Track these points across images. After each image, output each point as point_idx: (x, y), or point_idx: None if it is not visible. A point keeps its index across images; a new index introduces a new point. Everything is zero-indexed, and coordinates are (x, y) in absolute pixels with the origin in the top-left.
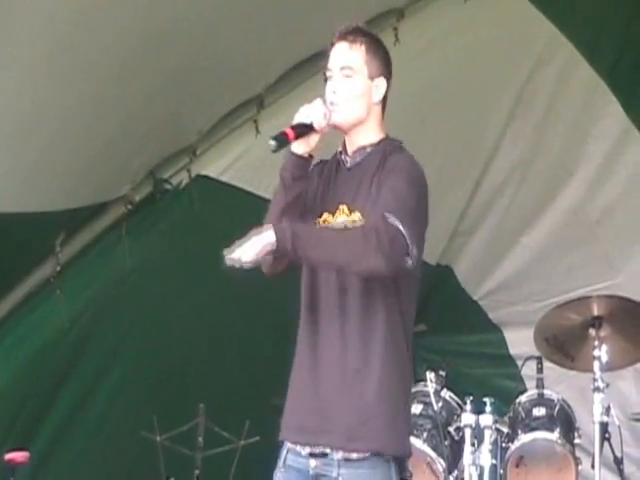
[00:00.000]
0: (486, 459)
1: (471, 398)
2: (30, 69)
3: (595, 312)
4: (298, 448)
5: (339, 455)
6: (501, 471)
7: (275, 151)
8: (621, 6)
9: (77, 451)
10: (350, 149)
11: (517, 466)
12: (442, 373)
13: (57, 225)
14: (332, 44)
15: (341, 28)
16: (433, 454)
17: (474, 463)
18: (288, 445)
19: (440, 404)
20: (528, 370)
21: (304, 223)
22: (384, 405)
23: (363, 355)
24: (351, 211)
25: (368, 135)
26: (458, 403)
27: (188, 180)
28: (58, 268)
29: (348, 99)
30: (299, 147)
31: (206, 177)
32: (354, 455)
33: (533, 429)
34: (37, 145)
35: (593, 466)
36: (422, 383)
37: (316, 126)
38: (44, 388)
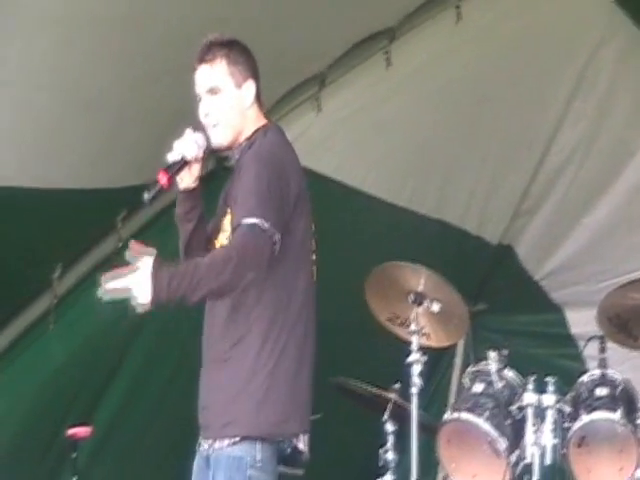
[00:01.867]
0: (548, 439)
1: (534, 377)
2: (96, 44)
3: None
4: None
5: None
6: (563, 451)
7: (151, 202)
8: None
9: (137, 427)
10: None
11: (579, 446)
12: (504, 352)
13: (119, 202)
14: (195, 68)
15: (198, 50)
16: (495, 433)
17: (536, 443)
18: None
19: (502, 383)
20: (590, 350)
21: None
22: None
23: None
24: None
25: (247, 133)
26: (520, 382)
27: None
28: (120, 244)
29: (222, 116)
30: (182, 182)
31: None
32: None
33: (595, 409)
34: (100, 123)
35: None
36: (484, 362)
37: (189, 157)
38: (107, 362)
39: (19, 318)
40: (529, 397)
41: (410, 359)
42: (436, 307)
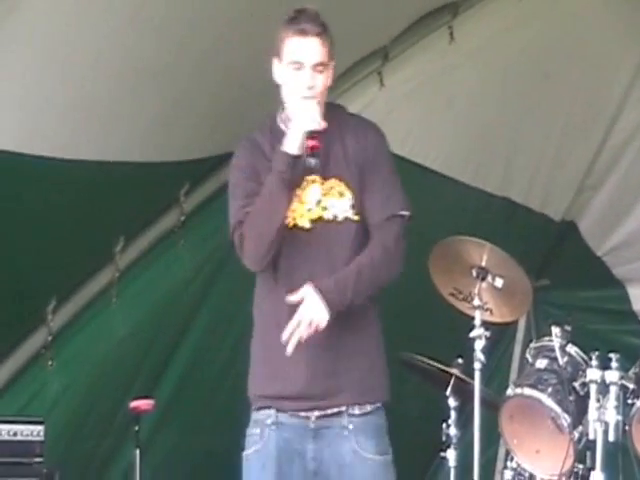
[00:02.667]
0: (611, 415)
1: (597, 353)
2: (162, 17)
3: None
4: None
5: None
6: (626, 427)
7: (316, 166)
8: None
9: (200, 401)
10: None
11: None
12: (567, 328)
13: (182, 175)
14: (296, 32)
15: (302, 19)
16: (558, 409)
17: (599, 419)
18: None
19: (565, 359)
20: None
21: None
22: None
23: None
24: (325, 179)
25: None
26: (583, 358)
27: None
28: (182, 218)
29: (323, 94)
30: (296, 149)
31: None
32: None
33: None
34: (164, 97)
35: None
36: (547, 338)
37: (321, 128)
38: (168, 336)
39: (82, 291)
40: (592, 373)
41: (473, 334)
42: (499, 282)
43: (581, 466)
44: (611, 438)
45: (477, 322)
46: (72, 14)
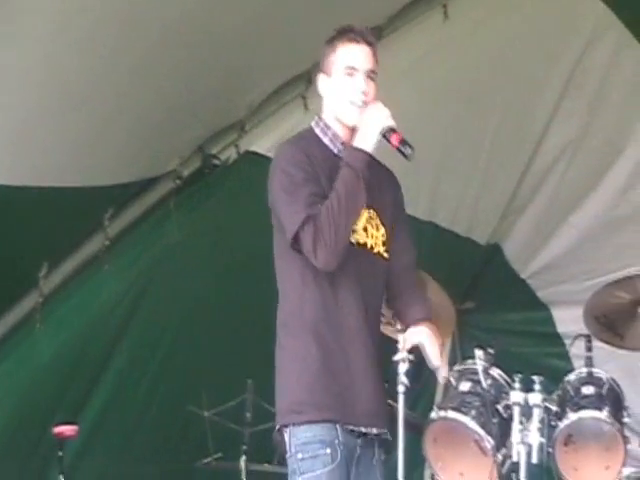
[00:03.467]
0: (535, 437)
1: (520, 376)
2: (86, 40)
3: None
4: (363, 429)
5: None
6: (549, 449)
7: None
8: None
9: (125, 426)
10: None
11: (566, 444)
12: (491, 351)
13: (106, 200)
14: (350, 40)
15: (353, 30)
16: (481, 432)
17: (522, 441)
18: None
19: (489, 382)
20: (576, 349)
21: None
22: None
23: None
24: (381, 223)
25: None
26: (507, 381)
27: (236, 156)
28: (107, 243)
29: (372, 101)
30: (371, 148)
31: (254, 153)
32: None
33: (582, 407)
34: (87, 120)
35: None
36: (470, 361)
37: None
38: (93, 361)
39: (5, 317)
40: (516, 396)
41: (397, 357)
42: None
43: None
44: (534, 460)
45: (400, 345)
46: None
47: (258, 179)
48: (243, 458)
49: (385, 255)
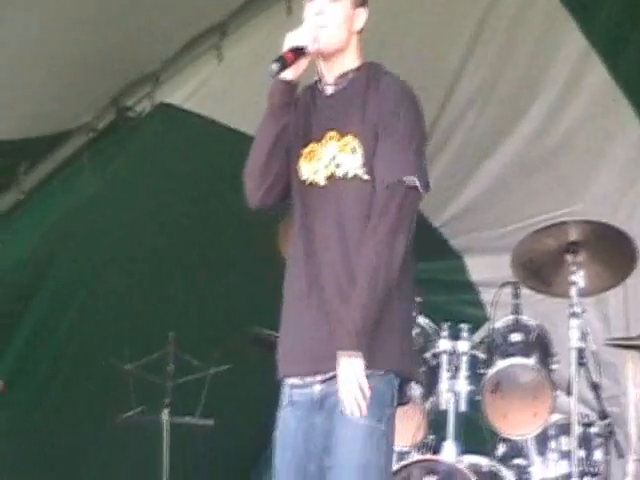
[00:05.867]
0: (463, 385)
1: (448, 324)
2: None
3: (572, 237)
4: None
5: None
6: (478, 397)
7: (274, 76)
8: None
9: (42, 376)
10: (330, 77)
11: (494, 392)
12: (418, 299)
13: (21, 153)
14: None
15: None
16: None
17: (451, 389)
18: (290, 380)
19: (417, 330)
20: (489, 296)
21: (290, 162)
22: None
23: None
24: (342, 135)
25: (348, 62)
26: (435, 329)
27: (151, 108)
28: (21, 196)
29: (333, 23)
30: (289, 72)
31: (169, 105)
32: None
33: (510, 355)
34: (5, 73)
35: (569, 392)
36: None
37: (310, 49)
38: (8, 314)
39: None
40: (444, 344)
41: None
42: None
43: (432, 437)
44: (463, 408)
45: None
46: None
47: (172, 130)
48: (166, 411)
49: (365, 177)
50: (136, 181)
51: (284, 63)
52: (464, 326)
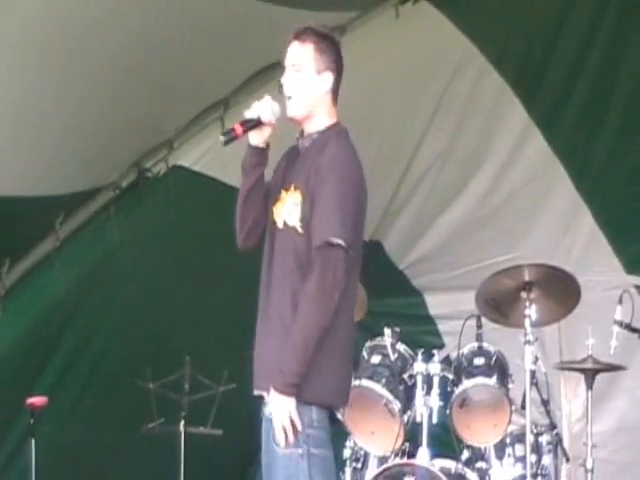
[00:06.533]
0: (435, 401)
1: (422, 350)
2: (38, 63)
3: (526, 278)
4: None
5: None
6: (447, 411)
7: (225, 144)
8: (523, 26)
9: (75, 394)
10: (305, 135)
11: (461, 407)
12: (397, 329)
13: (58, 207)
14: (289, 42)
15: (295, 28)
16: (390, 396)
17: (425, 405)
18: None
19: (396, 355)
20: (445, 327)
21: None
22: None
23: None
24: (295, 189)
25: (317, 123)
26: (411, 354)
27: (166, 169)
28: (58, 244)
29: (297, 92)
30: (254, 139)
31: (181, 167)
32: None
33: (474, 376)
34: (42, 137)
35: (523, 406)
36: (379, 337)
37: (264, 120)
38: (44, 345)
39: None
40: (418, 366)
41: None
42: None
43: (409, 444)
44: (435, 420)
45: None
46: None
47: (184, 188)
48: (182, 423)
49: (300, 231)
50: (154, 229)
51: (230, 135)
52: (436, 352)
